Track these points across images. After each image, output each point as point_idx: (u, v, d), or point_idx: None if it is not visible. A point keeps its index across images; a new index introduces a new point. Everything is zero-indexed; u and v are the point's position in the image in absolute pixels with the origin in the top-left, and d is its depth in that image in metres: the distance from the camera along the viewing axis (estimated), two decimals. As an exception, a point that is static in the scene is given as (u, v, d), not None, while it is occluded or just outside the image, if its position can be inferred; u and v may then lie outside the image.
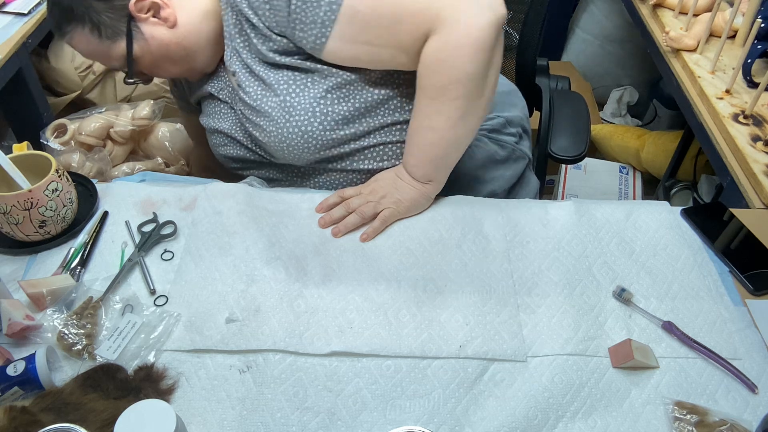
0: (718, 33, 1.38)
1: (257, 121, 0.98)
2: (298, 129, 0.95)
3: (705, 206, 1.03)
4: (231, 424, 0.71)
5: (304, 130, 0.95)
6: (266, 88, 0.97)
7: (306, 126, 0.95)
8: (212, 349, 0.78)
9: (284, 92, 0.95)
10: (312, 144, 0.97)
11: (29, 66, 1.51)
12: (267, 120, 0.97)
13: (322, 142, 0.97)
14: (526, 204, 0.99)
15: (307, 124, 0.95)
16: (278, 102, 0.95)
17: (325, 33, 0.89)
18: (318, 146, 0.97)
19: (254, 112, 0.98)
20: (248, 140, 1.05)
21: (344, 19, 0.88)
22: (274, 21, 0.92)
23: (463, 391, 0.75)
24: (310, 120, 0.95)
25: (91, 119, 1.71)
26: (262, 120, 0.97)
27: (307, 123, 0.95)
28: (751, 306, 0.85)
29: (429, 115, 0.92)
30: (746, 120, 1.17)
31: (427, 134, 0.93)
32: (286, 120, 0.95)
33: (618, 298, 0.86)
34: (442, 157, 0.96)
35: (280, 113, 0.95)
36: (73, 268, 0.88)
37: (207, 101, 1.11)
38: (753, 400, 0.74)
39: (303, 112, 0.95)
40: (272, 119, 0.96)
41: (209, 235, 0.93)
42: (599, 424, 0.72)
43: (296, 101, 0.95)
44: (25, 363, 0.71)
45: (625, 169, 2.25)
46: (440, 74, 0.88)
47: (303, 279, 0.87)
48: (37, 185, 0.86)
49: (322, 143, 0.97)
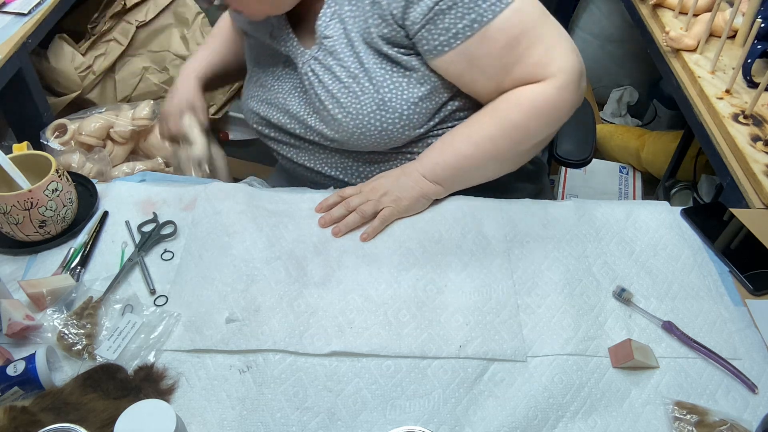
0: (718, 33, 1.38)
1: (339, 96, 0.95)
2: (380, 125, 0.94)
3: (705, 206, 1.03)
4: (231, 424, 0.71)
5: (385, 128, 0.95)
6: (361, 70, 0.94)
7: (389, 125, 0.94)
8: (212, 349, 0.78)
9: (380, 84, 0.93)
10: (385, 140, 0.96)
11: (29, 66, 1.51)
12: (352, 99, 0.94)
13: (395, 139, 0.96)
14: (526, 204, 0.99)
15: (391, 123, 0.94)
16: (371, 90, 0.93)
17: (451, 44, 0.89)
18: (388, 142, 0.97)
19: (340, 86, 0.95)
20: (304, 109, 1.01)
21: (476, 40, 0.89)
22: (402, 9, 0.89)
23: (463, 391, 0.75)
24: (395, 121, 0.94)
25: (91, 119, 1.71)
26: (346, 97, 0.94)
27: (391, 122, 0.94)
28: (751, 306, 0.85)
29: (482, 134, 0.94)
30: (746, 120, 1.17)
31: (468, 147, 0.95)
32: (372, 111, 0.94)
33: (618, 298, 0.86)
34: (465, 172, 0.97)
35: (369, 103, 0.94)
36: (73, 268, 0.88)
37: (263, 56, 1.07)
38: (753, 400, 0.74)
39: (392, 112, 0.94)
40: (358, 103, 0.94)
41: (209, 235, 0.93)
42: (599, 424, 0.72)
43: (390, 98, 0.93)
44: (25, 363, 0.71)
45: (625, 169, 2.25)
46: (521, 115, 0.92)
47: (303, 279, 0.87)
48: (37, 185, 0.86)
49: (394, 140, 0.97)
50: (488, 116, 0.95)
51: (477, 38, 0.89)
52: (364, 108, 0.94)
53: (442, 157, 0.96)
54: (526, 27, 0.90)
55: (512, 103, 0.93)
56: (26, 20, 1.45)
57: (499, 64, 0.91)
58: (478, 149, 0.94)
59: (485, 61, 0.91)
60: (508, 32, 0.89)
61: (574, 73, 0.92)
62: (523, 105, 0.93)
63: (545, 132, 0.97)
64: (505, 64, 0.91)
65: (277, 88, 1.05)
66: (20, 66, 1.44)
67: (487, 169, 0.99)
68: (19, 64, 1.43)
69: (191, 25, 1.93)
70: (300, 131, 1.03)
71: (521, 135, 0.95)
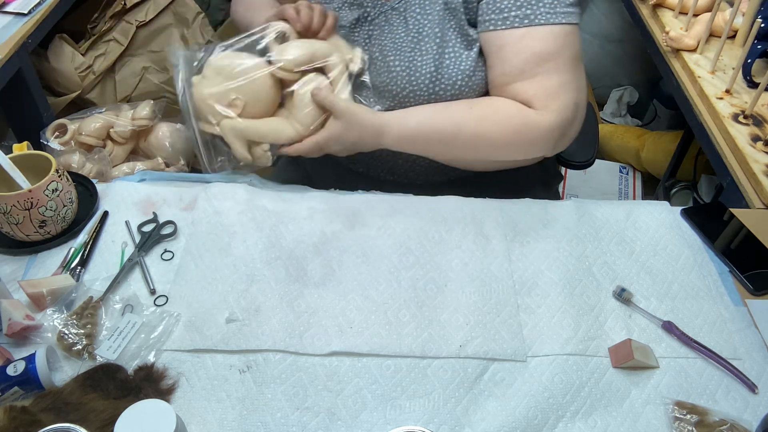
0: (718, 33, 1.38)
1: (403, 48, 0.96)
2: (433, 87, 0.95)
3: (705, 206, 1.03)
4: (231, 424, 0.71)
5: (435, 91, 0.96)
6: (432, 30, 0.96)
7: (440, 90, 0.96)
8: (212, 349, 0.78)
9: (443, 49, 0.95)
10: (425, 97, 0.97)
11: (29, 66, 1.52)
12: (415, 54, 0.95)
13: (434, 98, 0.97)
14: (526, 204, 0.99)
15: (442, 90, 0.96)
16: (434, 52, 0.95)
17: (497, 25, 0.93)
18: (426, 99, 0.97)
19: (408, 39, 0.96)
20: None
21: (518, 34, 0.92)
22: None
23: (463, 391, 0.75)
24: (447, 88, 0.96)
25: (91, 119, 1.71)
26: (410, 51, 0.96)
27: (442, 89, 0.96)
28: (751, 306, 0.85)
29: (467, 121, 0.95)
30: (746, 120, 1.17)
31: (446, 123, 0.95)
32: (429, 72, 0.95)
33: (618, 298, 0.86)
34: (425, 143, 0.97)
35: (429, 63, 0.95)
36: (73, 268, 0.88)
37: None
38: (753, 400, 0.74)
39: (447, 78, 0.95)
40: (420, 59, 0.95)
41: (209, 235, 0.93)
42: (599, 424, 0.72)
43: (448, 65, 0.95)
44: (25, 363, 0.71)
45: (625, 169, 2.25)
46: (501, 129, 0.94)
47: (303, 279, 0.87)
48: (37, 185, 0.86)
49: (433, 99, 0.97)
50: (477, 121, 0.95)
51: (520, 33, 0.91)
52: (423, 67, 0.95)
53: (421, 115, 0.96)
54: (559, 52, 0.92)
55: (503, 113, 0.94)
56: (26, 20, 1.45)
57: (521, 67, 0.92)
58: (457, 132, 0.95)
59: (512, 57, 0.93)
60: (546, 45, 0.91)
61: (565, 121, 0.94)
62: (511, 124, 0.94)
63: (509, 155, 0.99)
64: (524, 71, 0.92)
65: None
66: (20, 66, 1.44)
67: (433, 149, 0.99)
68: (19, 64, 1.43)
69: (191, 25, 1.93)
70: None
71: (491, 150, 0.97)
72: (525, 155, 0.99)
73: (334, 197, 1.00)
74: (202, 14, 1.94)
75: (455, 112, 0.96)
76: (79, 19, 1.92)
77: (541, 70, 0.92)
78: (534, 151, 0.98)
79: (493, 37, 0.94)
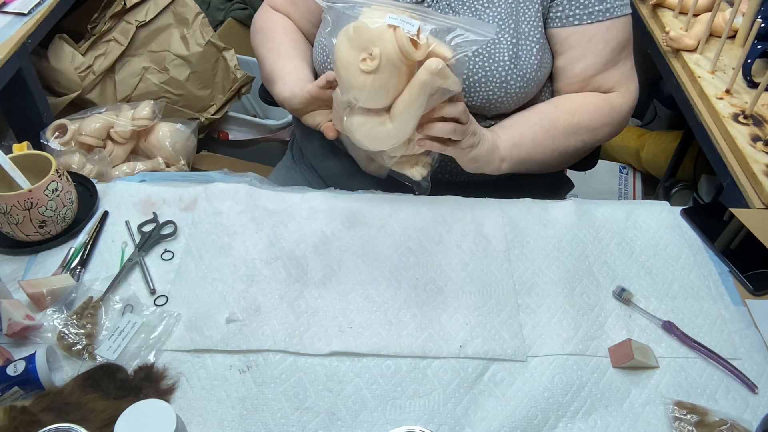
0: (718, 33, 1.38)
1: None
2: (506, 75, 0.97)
3: (705, 206, 1.03)
4: (231, 424, 0.71)
5: (507, 80, 0.98)
6: (511, 18, 0.98)
7: (513, 80, 0.98)
8: (212, 349, 0.78)
9: (519, 39, 0.98)
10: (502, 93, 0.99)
11: (29, 66, 1.51)
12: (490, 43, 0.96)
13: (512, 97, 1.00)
14: (526, 204, 0.99)
15: (513, 80, 0.98)
16: (510, 43, 0.97)
17: (583, 20, 1.00)
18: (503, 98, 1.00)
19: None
20: None
21: (603, 27, 1.00)
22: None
23: (463, 391, 0.75)
24: (518, 79, 0.98)
25: (91, 119, 1.71)
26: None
27: (513, 79, 0.98)
28: (751, 306, 0.85)
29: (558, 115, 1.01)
30: (746, 120, 1.17)
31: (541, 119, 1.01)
32: (503, 60, 0.97)
33: (618, 298, 0.86)
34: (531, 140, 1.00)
35: (504, 52, 0.97)
36: (73, 268, 0.88)
37: None
38: (753, 400, 0.75)
39: (520, 69, 0.98)
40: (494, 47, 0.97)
41: (209, 235, 0.93)
42: (599, 424, 0.72)
43: (522, 56, 0.98)
44: (25, 363, 0.70)
45: (625, 169, 2.25)
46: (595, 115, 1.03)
47: (303, 279, 0.87)
48: (37, 185, 0.86)
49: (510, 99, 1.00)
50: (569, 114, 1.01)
51: (605, 25, 1.00)
52: (497, 54, 0.97)
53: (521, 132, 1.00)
54: (630, 39, 1.05)
55: (593, 107, 1.03)
56: (26, 20, 1.45)
57: (608, 56, 1.01)
58: (554, 142, 1.01)
59: (602, 47, 1.01)
60: (624, 34, 1.02)
61: (636, 101, 1.07)
62: (603, 109, 1.03)
63: (605, 140, 1.07)
64: (608, 61, 1.02)
65: None
66: (20, 66, 1.44)
67: (548, 162, 1.04)
68: (19, 64, 1.43)
69: (191, 25, 1.93)
70: None
71: (592, 136, 1.04)
72: (611, 136, 1.08)
73: (334, 197, 1.00)
74: (202, 14, 1.94)
75: (543, 111, 1.02)
76: (79, 19, 1.92)
77: (621, 57, 1.03)
78: (618, 130, 1.08)
79: (582, 31, 1.00)
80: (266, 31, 1.14)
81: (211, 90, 1.98)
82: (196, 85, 1.94)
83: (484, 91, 0.98)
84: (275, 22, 1.15)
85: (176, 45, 1.91)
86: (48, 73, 1.82)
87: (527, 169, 1.03)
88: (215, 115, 2.00)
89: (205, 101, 1.98)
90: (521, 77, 0.98)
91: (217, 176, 1.04)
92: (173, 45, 1.91)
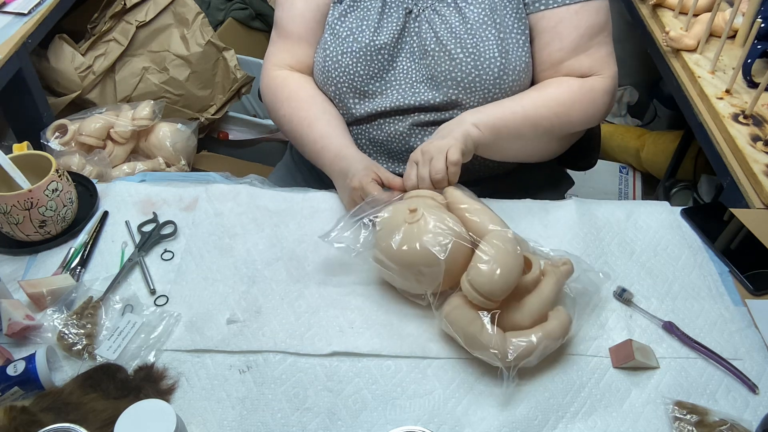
0: (718, 33, 1.38)
1: (462, 36, 0.97)
2: (500, 69, 0.97)
3: (705, 206, 1.03)
4: (231, 424, 0.71)
5: (500, 75, 0.97)
6: (490, 16, 0.97)
7: (506, 73, 0.97)
8: (213, 349, 0.78)
9: (505, 34, 0.97)
10: (497, 87, 0.98)
11: (29, 66, 1.51)
12: (477, 40, 0.97)
13: (507, 89, 0.99)
14: (526, 204, 0.99)
15: (506, 73, 0.97)
16: (495, 37, 0.97)
17: (558, 2, 0.98)
18: (498, 93, 0.99)
19: (466, 27, 0.97)
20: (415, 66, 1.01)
21: (573, 9, 0.97)
22: None
23: (463, 391, 0.75)
24: (511, 71, 0.98)
25: (91, 120, 1.71)
26: (471, 38, 0.97)
27: (506, 72, 0.97)
28: (751, 306, 0.85)
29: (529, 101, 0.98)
30: (746, 120, 1.17)
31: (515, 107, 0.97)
32: (493, 56, 0.96)
33: (618, 299, 0.85)
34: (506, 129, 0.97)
35: (492, 48, 0.97)
36: (73, 268, 0.88)
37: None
38: (753, 400, 0.74)
39: (512, 61, 0.97)
40: (482, 44, 0.96)
41: (210, 236, 0.93)
42: (599, 424, 0.72)
43: (510, 49, 0.98)
44: (25, 363, 0.71)
45: (625, 169, 2.25)
46: (569, 94, 0.99)
47: (304, 279, 0.87)
48: (37, 185, 0.86)
49: (505, 90, 0.99)
50: (538, 90, 1.00)
51: (573, 9, 0.98)
52: (487, 52, 0.97)
53: (489, 108, 0.98)
54: (605, 25, 1.01)
55: (564, 83, 1.00)
56: (26, 20, 1.45)
57: (577, 41, 0.98)
58: (524, 110, 0.98)
59: (571, 31, 0.98)
60: (597, 19, 0.99)
61: (615, 86, 1.03)
62: (573, 86, 0.99)
63: (581, 120, 1.02)
64: (579, 46, 0.99)
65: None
66: (20, 66, 1.44)
67: (524, 137, 1.00)
68: (19, 64, 1.43)
69: (191, 25, 1.92)
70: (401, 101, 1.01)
71: (564, 110, 0.99)
72: (587, 118, 1.02)
73: (334, 197, 1.00)
74: (202, 14, 1.94)
75: (522, 97, 0.99)
76: (79, 19, 1.92)
77: (593, 42, 0.99)
78: (594, 114, 1.02)
79: (549, 15, 0.98)
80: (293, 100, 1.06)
81: (211, 90, 1.98)
82: (196, 85, 1.94)
83: (479, 90, 0.98)
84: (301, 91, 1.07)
85: (176, 45, 1.91)
86: (48, 73, 1.82)
87: (510, 143, 1.01)
88: (215, 115, 2.00)
89: (205, 101, 1.98)
90: (513, 70, 0.98)
91: (218, 177, 1.04)
92: (173, 45, 1.91)
